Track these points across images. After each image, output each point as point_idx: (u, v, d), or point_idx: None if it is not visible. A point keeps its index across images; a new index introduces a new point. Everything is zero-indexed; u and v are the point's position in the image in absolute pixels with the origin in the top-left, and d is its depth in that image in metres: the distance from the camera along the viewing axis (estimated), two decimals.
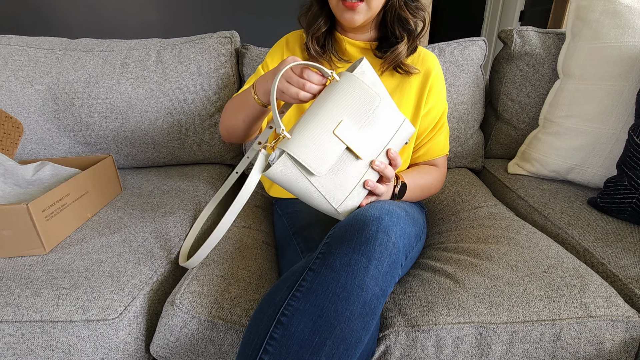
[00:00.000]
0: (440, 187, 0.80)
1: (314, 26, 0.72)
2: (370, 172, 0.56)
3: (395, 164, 0.58)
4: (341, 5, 0.65)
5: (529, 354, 0.54)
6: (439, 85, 0.76)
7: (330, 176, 0.53)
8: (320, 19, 0.72)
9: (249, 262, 0.68)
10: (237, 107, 0.70)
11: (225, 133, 0.76)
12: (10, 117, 0.89)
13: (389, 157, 0.58)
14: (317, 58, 0.74)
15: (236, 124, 0.71)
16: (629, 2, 0.87)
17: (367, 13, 0.66)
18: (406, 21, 0.69)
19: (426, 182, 0.75)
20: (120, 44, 1.08)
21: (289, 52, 0.79)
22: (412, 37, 0.71)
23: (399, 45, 0.70)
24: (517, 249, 0.67)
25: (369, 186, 0.56)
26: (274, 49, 0.81)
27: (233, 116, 0.71)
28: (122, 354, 0.58)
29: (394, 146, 0.58)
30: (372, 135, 0.55)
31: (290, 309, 0.45)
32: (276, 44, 0.82)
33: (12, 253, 0.68)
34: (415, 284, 0.62)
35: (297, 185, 0.53)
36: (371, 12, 0.66)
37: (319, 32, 0.73)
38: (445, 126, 0.79)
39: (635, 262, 0.65)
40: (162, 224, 0.80)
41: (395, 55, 0.70)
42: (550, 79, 1.05)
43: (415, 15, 0.69)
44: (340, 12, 0.67)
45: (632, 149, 0.77)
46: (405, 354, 0.54)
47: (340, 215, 0.57)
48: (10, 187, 0.80)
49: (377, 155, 0.56)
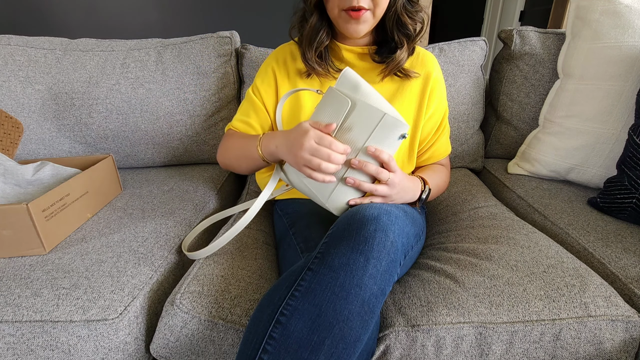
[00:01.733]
0: (448, 184, 0.81)
1: (316, 40, 0.70)
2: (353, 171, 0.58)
3: (381, 160, 0.57)
4: (345, 16, 0.64)
5: (529, 354, 0.54)
6: (440, 88, 0.75)
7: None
8: (322, 31, 0.70)
9: (249, 262, 0.68)
10: (240, 155, 0.71)
11: (224, 167, 0.79)
12: (10, 117, 0.89)
13: (370, 154, 0.57)
14: (315, 68, 0.72)
15: (239, 169, 0.74)
16: (629, 2, 0.87)
17: (372, 21, 0.65)
18: (405, 26, 0.68)
19: (440, 182, 0.77)
20: (120, 44, 1.08)
21: (280, 69, 0.76)
22: (410, 40, 0.70)
23: (399, 51, 0.69)
24: (517, 249, 0.67)
25: (349, 183, 0.57)
26: (263, 69, 0.79)
27: (235, 161, 0.73)
28: (122, 354, 0.58)
29: (377, 143, 0.57)
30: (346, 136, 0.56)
31: (289, 309, 0.45)
32: (264, 64, 0.79)
33: (12, 253, 0.68)
34: (415, 283, 0.62)
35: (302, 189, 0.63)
36: (375, 19, 0.66)
37: (322, 45, 0.71)
38: (446, 127, 0.79)
39: (635, 262, 0.65)
40: (162, 224, 0.80)
41: (396, 62, 0.69)
42: (550, 79, 1.05)
43: (415, 18, 0.68)
44: (343, 23, 0.65)
45: (632, 149, 0.77)
46: (405, 353, 0.54)
47: (332, 210, 0.62)
48: (10, 187, 0.80)
49: (355, 154, 0.57)
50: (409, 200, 0.65)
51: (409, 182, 0.64)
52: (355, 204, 0.59)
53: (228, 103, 1.11)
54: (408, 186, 0.63)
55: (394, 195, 0.60)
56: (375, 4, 0.63)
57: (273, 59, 0.78)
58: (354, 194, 0.60)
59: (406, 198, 0.64)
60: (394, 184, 0.59)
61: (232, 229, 0.65)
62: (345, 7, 0.62)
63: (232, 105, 1.12)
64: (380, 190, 0.59)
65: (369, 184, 0.58)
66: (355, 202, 0.59)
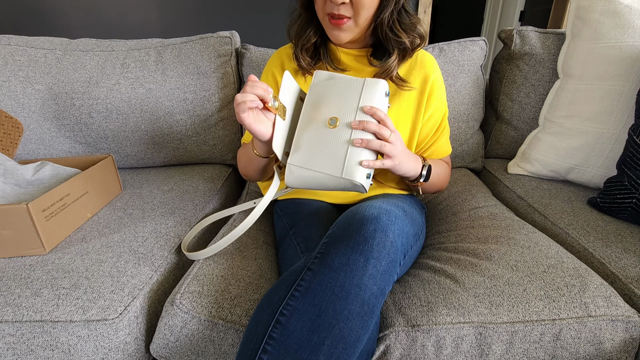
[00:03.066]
0: (449, 180, 0.81)
1: (303, 37, 0.70)
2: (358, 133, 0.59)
3: (378, 117, 0.58)
4: (327, 22, 0.64)
5: (529, 354, 0.54)
6: (439, 90, 0.75)
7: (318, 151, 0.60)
8: (310, 29, 0.70)
9: (249, 262, 0.68)
10: (245, 161, 0.74)
11: (245, 177, 0.81)
12: (10, 117, 0.89)
13: (367, 113, 0.58)
14: (308, 69, 0.72)
15: (252, 174, 0.76)
16: (629, 2, 0.87)
17: (355, 30, 0.65)
18: (399, 38, 0.66)
19: (441, 172, 0.77)
20: (120, 44, 1.08)
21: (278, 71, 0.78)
22: (406, 53, 0.69)
23: (389, 59, 0.68)
24: (517, 249, 0.67)
25: (357, 143, 0.57)
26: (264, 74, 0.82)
27: (245, 167, 0.76)
28: (122, 354, 0.58)
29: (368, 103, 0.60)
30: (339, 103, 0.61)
31: (289, 309, 0.45)
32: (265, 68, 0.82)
33: (12, 253, 0.68)
34: (415, 284, 0.62)
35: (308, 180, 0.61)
36: (359, 28, 0.65)
37: (308, 43, 0.71)
38: (446, 128, 0.79)
39: (635, 262, 0.65)
40: (162, 224, 0.80)
41: (386, 69, 0.69)
42: (550, 79, 1.05)
43: (409, 33, 0.67)
44: (327, 27, 0.66)
45: (632, 149, 0.77)
46: (405, 353, 0.54)
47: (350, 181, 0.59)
48: (10, 187, 0.80)
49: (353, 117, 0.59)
50: (413, 170, 0.65)
51: (408, 151, 0.65)
52: (369, 165, 0.57)
53: (228, 103, 1.11)
54: (409, 152, 0.65)
55: (399, 155, 0.60)
56: (357, 12, 0.62)
57: (272, 63, 0.80)
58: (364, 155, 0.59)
59: (410, 164, 0.64)
60: (396, 140, 0.59)
61: (232, 234, 0.64)
62: (328, 12, 0.63)
63: (232, 105, 1.12)
64: (388, 147, 0.58)
65: (376, 141, 0.58)
66: (368, 163, 0.58)
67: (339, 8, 0.61)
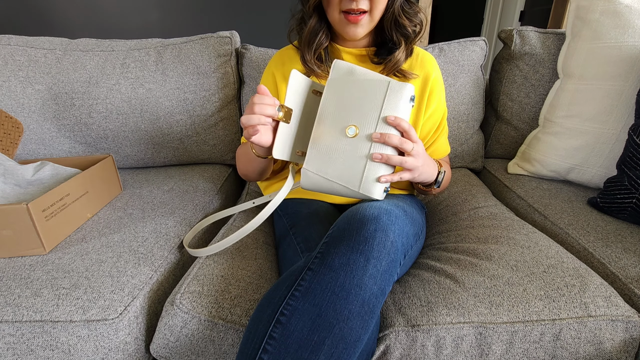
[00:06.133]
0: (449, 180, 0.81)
1: (315, 42, 0.71)
2: (378, 146, 0.56)
3: (402, 128, 0.56)
4: (342, 19, 0.65)
5: (528, 354, 0.54)
6: (439, 89, 0.76)
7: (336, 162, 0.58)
8: (321, 33, 0.71)
9: (249, 262, 0.68)
10: (245, 161, 0.74)
11: (244, 177, 0.80)
12: (10, 117, 0.89)
13: (390, 124, 0.56)
14: (315, 70, 0.72)
15: (251, 174, 0.76)
16: (629, 2, 0.87)
17: (370, 24, 0.66)
18: (404, 27, 0.68)
19: (449, 173, 0.78)
20: (120, 44, 1.08)
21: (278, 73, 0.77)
22: (409, 41, 0.70)
23: (397, 52, 0.69)
24: (517, 249, 0.67)
25: (376, 159, 0.56)
26: (264, 76, 0.81)
27: (244, 167, 0.76)
28: (122, 354, 0.58)
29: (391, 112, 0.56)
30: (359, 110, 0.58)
31: (289, 309, 0.45)
32: (265, 70, 0.81)
33: (12, 253, 0.68)
34: (415, 283, 0.62)
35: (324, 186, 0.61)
36: (373, 22, 0.67)
37: (321, 47, 0.72)
38: (445, 128, 0.80)
39: (635, 262, 0.65)
40: (162, 224, 0.80)
41: (394, 62, 0.70)
42: (550, 79, 1.05)
43: (413, 20, 0.69)
44: (342, 26, 0.66)
45: (632, 149, 0.77)
46: (405, 353, 0.54)
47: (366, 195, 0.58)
48: (10, 187, 0.80)
49: (374, 128, 0.57)
50: (430, 177, 0.64)
51: (428, 157, 0.64)
52: (387, 180, 0.57)
53: (228, 103, 1.11)
54: (429, 161, 0.64)
55: (420, 167, 0.59)
56: (374, 5, 0.63)
57: (272, 64, 0.80)
58: (382, 170, 0.57)
59: (429, 172, 0.63)
60: (418, 154, 0.58)
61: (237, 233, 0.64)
62: (344, 9, 0.63)
63: (232, 105, 1.12)
64: (409, 162, 0.57)
65: (397, 157, 0.56)
66: (387, 178, 0.57)
67: (357, 2, 0.62)
